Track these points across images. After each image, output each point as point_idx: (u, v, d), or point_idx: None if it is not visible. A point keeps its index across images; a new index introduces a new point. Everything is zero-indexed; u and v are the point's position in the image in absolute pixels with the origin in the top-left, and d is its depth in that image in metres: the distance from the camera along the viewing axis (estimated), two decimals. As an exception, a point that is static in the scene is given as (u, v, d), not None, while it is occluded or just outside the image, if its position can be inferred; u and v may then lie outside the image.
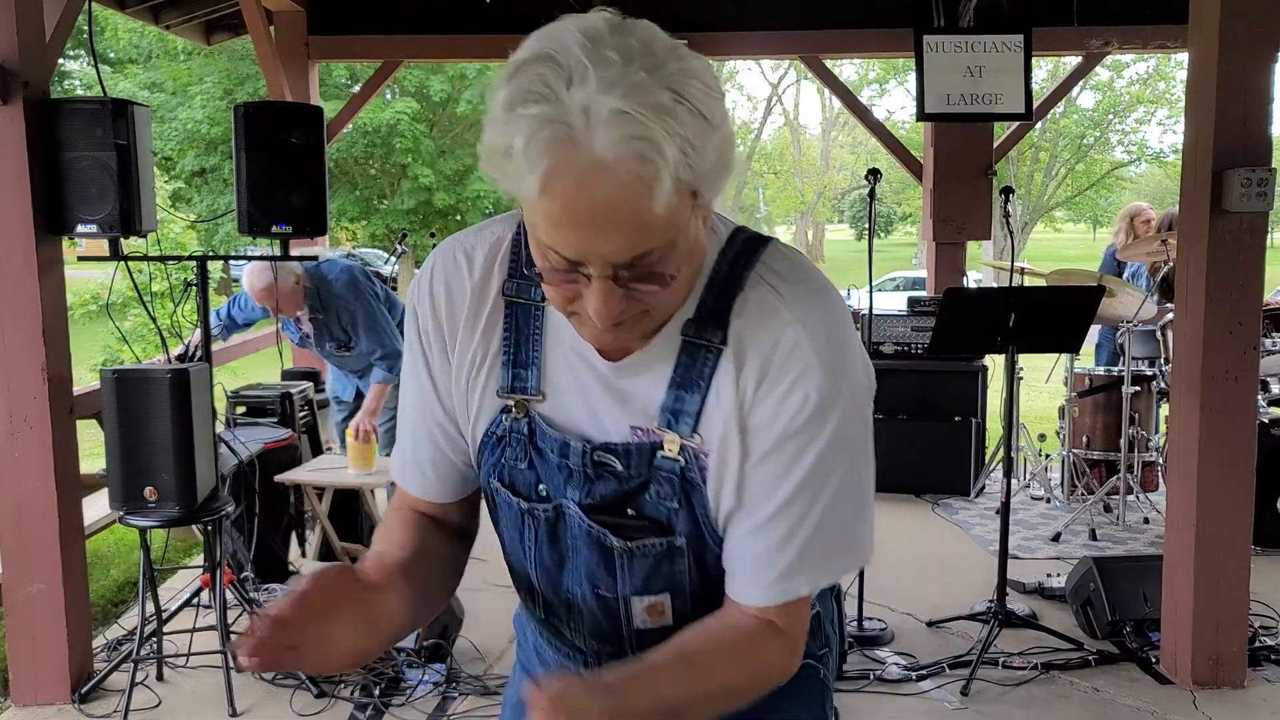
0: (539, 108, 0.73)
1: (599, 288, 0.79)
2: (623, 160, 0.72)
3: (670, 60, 0.75)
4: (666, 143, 0.72)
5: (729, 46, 5.59)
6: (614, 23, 0.77)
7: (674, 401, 0.89)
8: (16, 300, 2.74)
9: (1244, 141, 2.77)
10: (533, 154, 0.73)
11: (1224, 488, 2.86)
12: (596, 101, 0.72)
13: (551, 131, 0.73)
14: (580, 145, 0.72)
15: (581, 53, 0.73)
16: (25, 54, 2.68)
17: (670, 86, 0.73)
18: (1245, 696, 2.88)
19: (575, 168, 0.73)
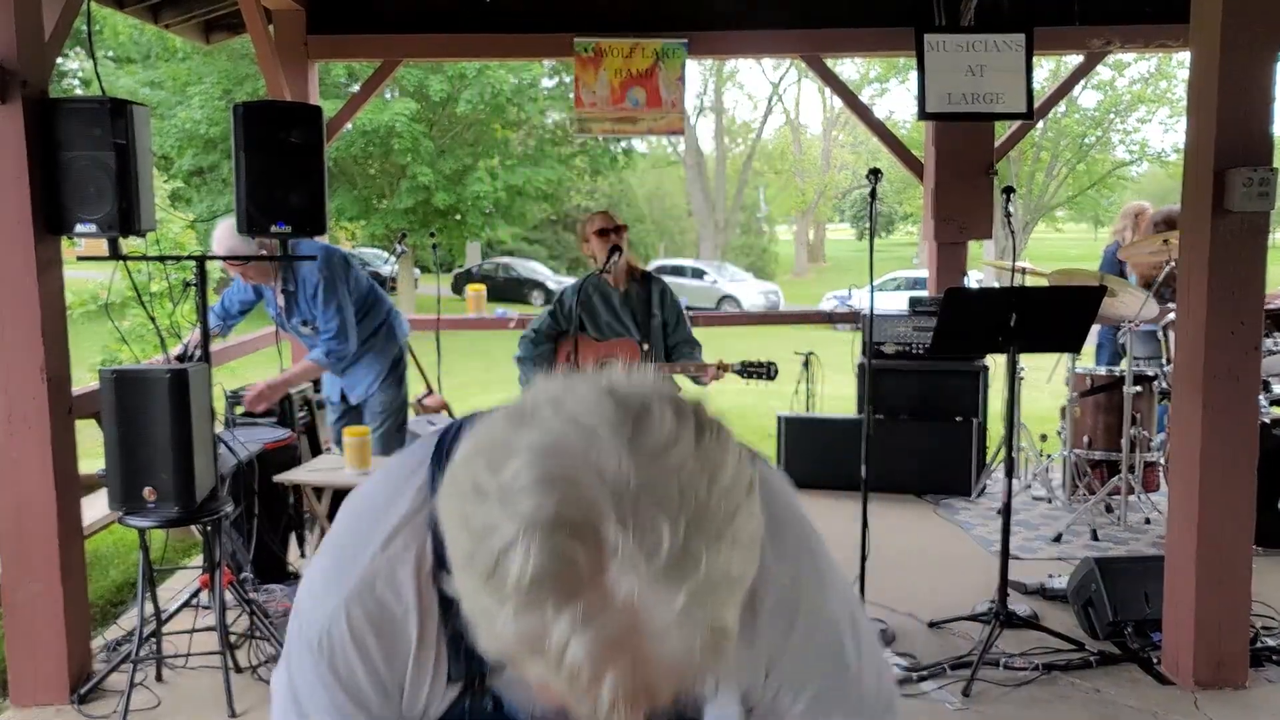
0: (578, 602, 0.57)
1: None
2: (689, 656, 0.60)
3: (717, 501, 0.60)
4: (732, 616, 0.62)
5: (730, 46, 5.58)
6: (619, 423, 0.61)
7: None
8: (15, 300, 2.73)
9: (1245, 141, 2.77)
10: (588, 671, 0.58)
11: (1226, 488, 2.86)
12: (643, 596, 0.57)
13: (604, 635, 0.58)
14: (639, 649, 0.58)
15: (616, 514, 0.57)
16: (24, 53, 2.67)
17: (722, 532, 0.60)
18: (1247, 697, 2.87)
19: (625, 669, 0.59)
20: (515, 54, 8.61)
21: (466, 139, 18.17)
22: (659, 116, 5.25)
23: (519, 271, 23.79)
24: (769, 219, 35.83)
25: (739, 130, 33.73)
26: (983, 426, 4.95)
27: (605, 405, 0.61)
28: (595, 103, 5.18)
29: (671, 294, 3.64)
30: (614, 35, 5.13)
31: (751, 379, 3.47)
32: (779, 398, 5.76)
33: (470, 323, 10.85)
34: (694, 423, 0.62)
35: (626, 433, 0.60)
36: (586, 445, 0.59)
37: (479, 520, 0.59)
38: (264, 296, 3.97)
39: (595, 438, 0.59)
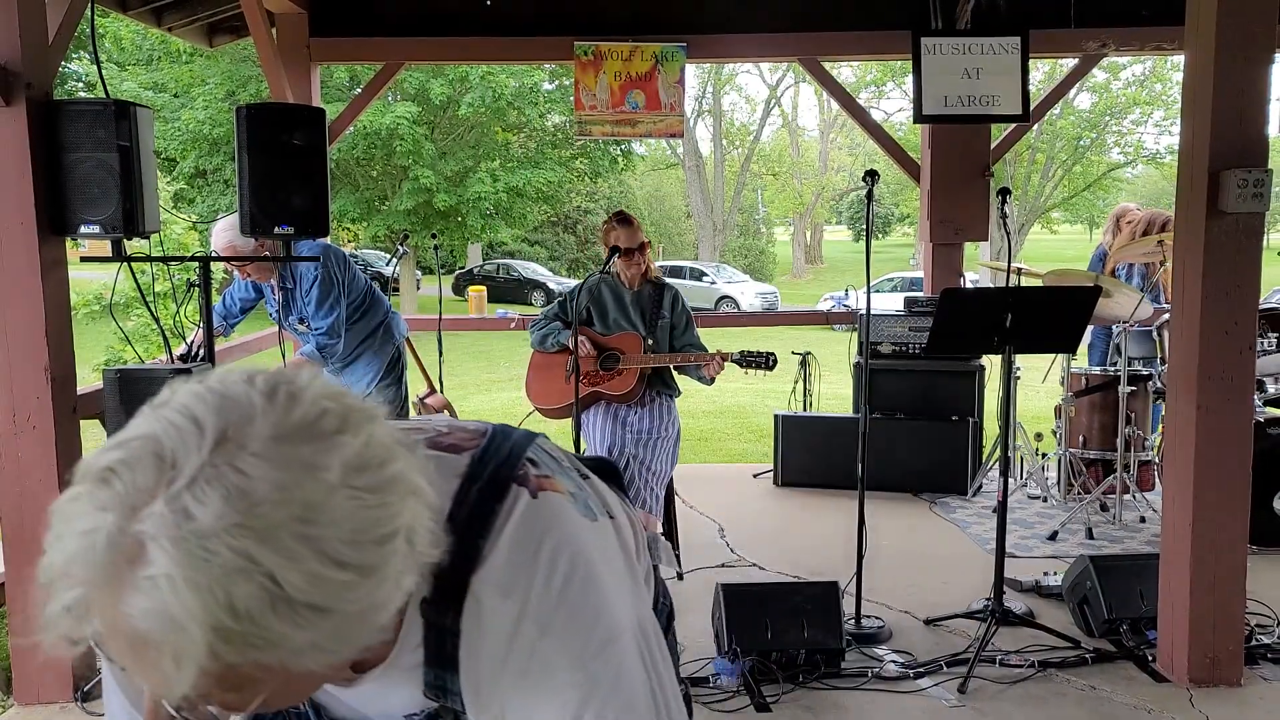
0: (105, 514, 0.59)
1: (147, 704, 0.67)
2: (145, 633, 0.59)
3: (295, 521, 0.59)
4: (202, 635, 0.58)
5: (728, 49, 5.61)
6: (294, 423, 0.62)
7: (435, 679, 0.81)
8: (20, 300, 2.75)
9: (1240, 142, 2.79)
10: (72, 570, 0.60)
11: (1220, 487, 2.88)
12: (152, 552, 0.58)
13: (100, 558, 0.59)
14: (117, 592, 0.59)
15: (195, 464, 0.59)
16: (28, 56, 2.69)
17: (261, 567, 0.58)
18: (1241, 694, 2.89)
19: (104, 610, 0.60)
20: (516, 57, 8.63)
21: (468, 141, 18.20)
22: (658, 119, 5.28)
23: (520, 272, 23.82)
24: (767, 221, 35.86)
25: (737, 133, 33.77)
26: (979, 426, 4.97)
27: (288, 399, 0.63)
28: (595, 105, 5.21)
29: (683, 301, 3.67)
30: (613, 39, 5.16)
31: (751, 369, 3.49)
32: (776, 397, 5.79)
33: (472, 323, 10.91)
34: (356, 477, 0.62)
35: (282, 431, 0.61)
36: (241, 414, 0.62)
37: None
38: (264, 295, 4.00)
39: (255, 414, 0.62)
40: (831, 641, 2.95)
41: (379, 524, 0.62)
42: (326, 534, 0.60)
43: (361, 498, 0.62)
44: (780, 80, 31.35)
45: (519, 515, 0.80)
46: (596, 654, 0.78)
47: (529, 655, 0.77)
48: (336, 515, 0.60)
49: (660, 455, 3.51)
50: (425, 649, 0.80)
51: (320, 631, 0.60)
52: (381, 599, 0.64)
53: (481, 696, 0.81)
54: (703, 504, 4.79)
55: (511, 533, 0.79)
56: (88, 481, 0.61)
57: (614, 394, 3.51)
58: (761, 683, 2.90)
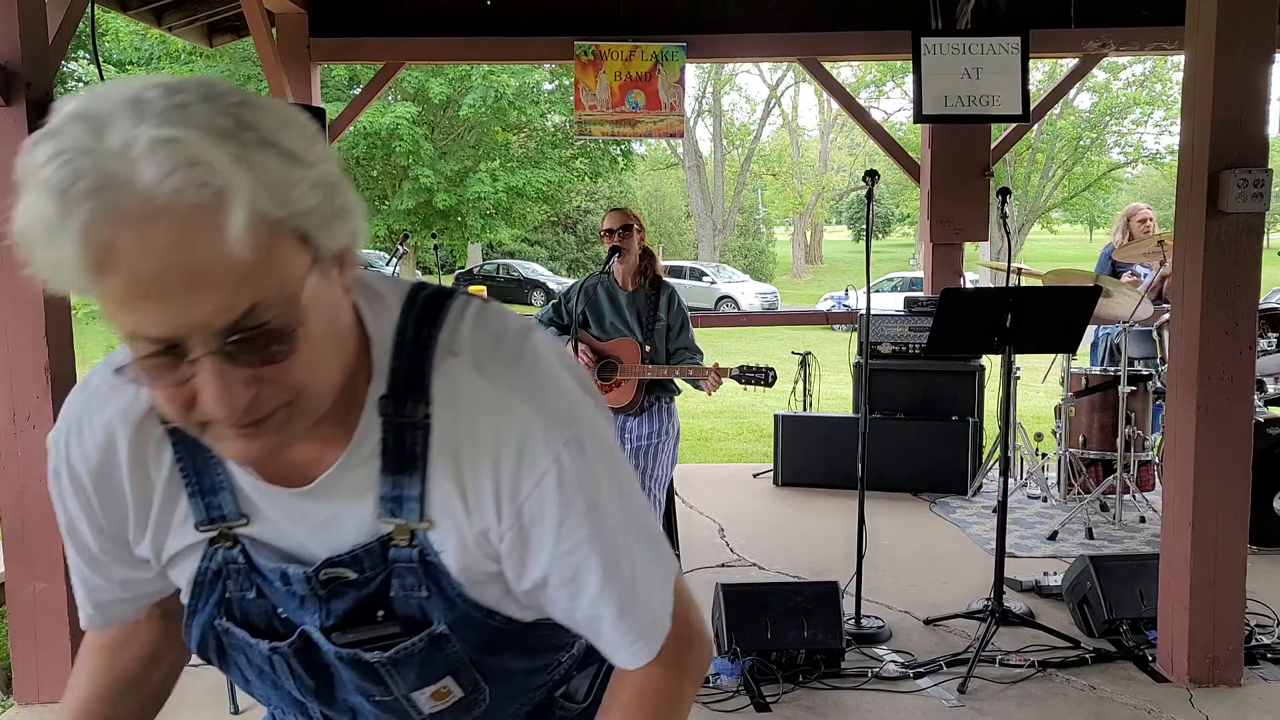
0: (69, 164, 0.60)
1: (209, 368, 0.65)
2: (177, 193, 0.60)
3: (234, 94, 0.64)
4: (230, 168, 0.61)
5: (728, 49, 5.61)
6: (170, 83, 0.65)
7: (392, 489, 0.80)
8: (19, 299, 2.75)
9: (1240, 142, 2.79)
10: (69, 217, 0.59)
11: (1220, 487, 2.88)
12: (135, 135, 0.60)
13: (86, 184, 0.59)
14: (124, 189, 0.59)
15: (121, 103, 0.62)
16: (28, 56, 2.69)
17: (231, 115, 0.62)
18: (1241, 695, 2.89)
19: (123, 220, 0.60)
20: (516, 57, 8.63)
21: (468, 141, 18.20)
22: (658, 119, 5.28)
23: (520, 272, 23.81)
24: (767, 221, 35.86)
25: (737, 133, 33.78)
26: (979, 426, 4.97)
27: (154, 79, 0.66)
28: (595, 105, 5.21)
29: (679, 300, 3.65)
30: (614, 39, 5.16)
31: (750, 385, 3.46)
32: (776, 397, 5.79)
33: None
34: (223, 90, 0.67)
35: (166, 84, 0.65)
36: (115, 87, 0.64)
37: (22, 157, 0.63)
38: None
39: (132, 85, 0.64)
40: (831, 641, 2.95)
41: (305, 126, 0.67)
42: (263, 102, 0.66)
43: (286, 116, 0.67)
44: (780, 80, 31.37)
45: (474, 310, 0.83)
46: (569, 421, 0.80)
47: (512, 422, 0.78)
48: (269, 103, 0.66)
49: (661, 460, 3.50)
50: (383, 454, 0.79)
51: (309, 187, 0.64)
52: (337, 175, 0.68)
53: (467, 478, 0.79)
54: (703, 504, 4.79)
55: (471, 329, 0.81)
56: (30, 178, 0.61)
57: (613, 406, 3.49)
58: (761, 683, 2.90)
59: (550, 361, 0.83)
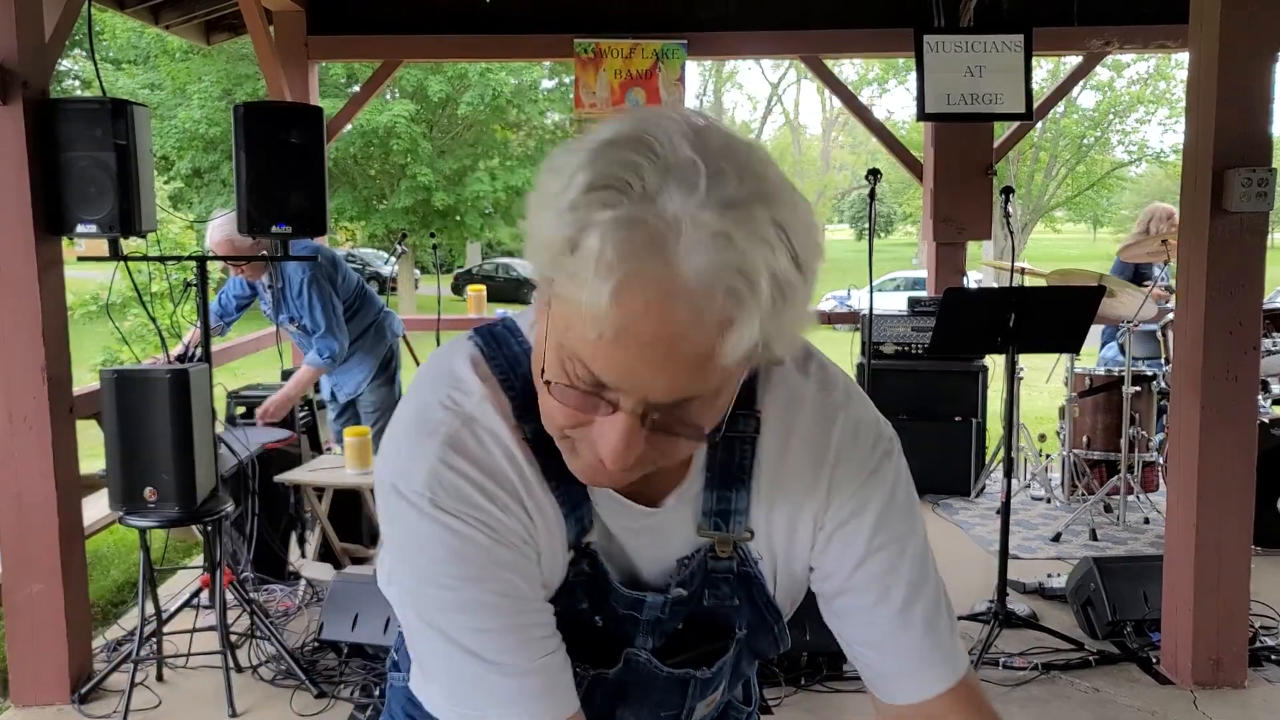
0: (626, 204, 0.61)
1: (622, 424, 0.67)
2: (712, 292, 0.61)
3: (784, 192, 0.66)
4: (765, 293, 0.62)
5: (729, 46, 5.59)
6: (720, 129, 0.67)
7: (718, 503, 0.82)
8: (16, 300, 2.74)
9: (1244, 141, 2.77)
10: (610, 258, 0.61)
11: (1224, 488, 2.86)
12: (697, 215, 0.61)
13: (639, 235, 0.61)
14: (668, 261, 0.61)
15: (689, 148, 0.63)
16: (25, 54, 2.68)
17: (778, 221, 0.64)
18: (1245, 697, 2.88)
19: (655, 285, 0.61)
20: (515, 55, 8.61)
21: (466, 140, 18.18)
22: (659, 117, 5.26)
23: (519, 272, 23.79)
24: (768, 219, 35.84)
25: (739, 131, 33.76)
26: (982, 426, 4.95)
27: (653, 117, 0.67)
28: (595, 103, 5.19)
29: None
30: (614, 36, 5.14)
31: None
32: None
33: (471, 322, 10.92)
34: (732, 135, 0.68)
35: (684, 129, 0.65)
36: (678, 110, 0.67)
37: (563, 162, 0.65)
38: (258, 293, 3.99)
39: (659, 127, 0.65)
40: (834, 644, 2.92)
41: (816, 230, 0.68)
42: (798, 219, 0.66)
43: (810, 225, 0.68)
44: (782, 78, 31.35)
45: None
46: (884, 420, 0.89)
47: (845, 418, 0.84)
48: (796, 199, 0.67)
49: None
50: (709, 468, 0.81)
51: (800, 304, 0.66)
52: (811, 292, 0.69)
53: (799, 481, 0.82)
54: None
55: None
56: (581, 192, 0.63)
57: None
58: (763, 685, 2.88)
59: (835, 364, 0.89)
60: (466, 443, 0.75)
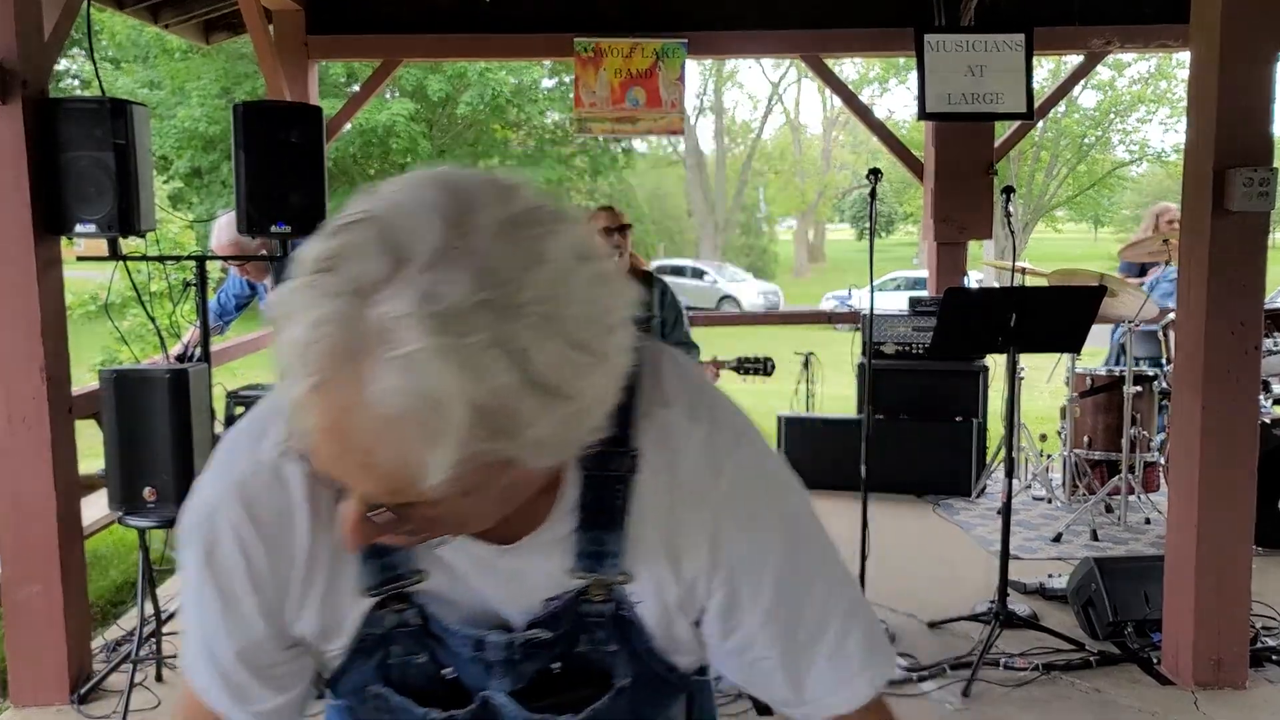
0: (337, 300, 0.56)
1: (351, 514, 0.64)
2: (396, 414, 0.56)
3: (539, 301, 0.58)
4: (461, 412, 0.56)
5: (730, 46, 5.58)
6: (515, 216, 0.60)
7: (590, 544, 0.77)
8: (15, 300, 2.74)
9: (1245, 141, 2.77)
10: (308, 357, 0.57)
11: (1225, 488, 2.86)
12: (401, 330, 0.55)
13: (339, 339, 0.56)
14: (359, 376, 0.56)
15: (432, 248, 0.57)
16: (24, 53, 2.67)
17: (513, 340, 0.56)
18: (1247, 698, 2.87)
19: (341, 399, 0.57)
20: (515, 54, 8.61)
21: (466, 139, 18.18)
22: (659, 116, 5.26)
23: (519, 271, 23.78)
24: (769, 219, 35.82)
25: (739, 130, 33.76)
26: (983, 426, 4.95)
27: (432, 189, 0.61)
28: (595, 103, 5.18)
29: (672, 295, 3.64)
30: (614, 35, 5.14)
31: (748, 375, 3.46)
32: (779, 397, 5.76)
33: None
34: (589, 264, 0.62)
35: (500, 215, 0.60)
36: (462, 201, 0.60)
37: (325, 228, 0.61)
38: (258, 292, 3.99)
39: (474, 202, 0.60)
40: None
41: (608, 311, 0.62)
42: (568, 314, 0.59)
43: (593, 282, 0.61)
44: (782, 77, 31.33)
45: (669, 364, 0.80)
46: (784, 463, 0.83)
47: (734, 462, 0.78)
48: (575, 297, 0.60)
49: None
50: (582, 509, 0.76)
51: (556, 420, 0.59)
52: (605, 392, 0.63)
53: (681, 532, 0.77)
54: (704, 504, 4.77)
55: (674, 378, 0.79)
56: (308, 271, 0.59)
57: None
58: (763, 686, 2.87)
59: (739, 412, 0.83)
60: (255, 488, 0.76)
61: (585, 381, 0.60)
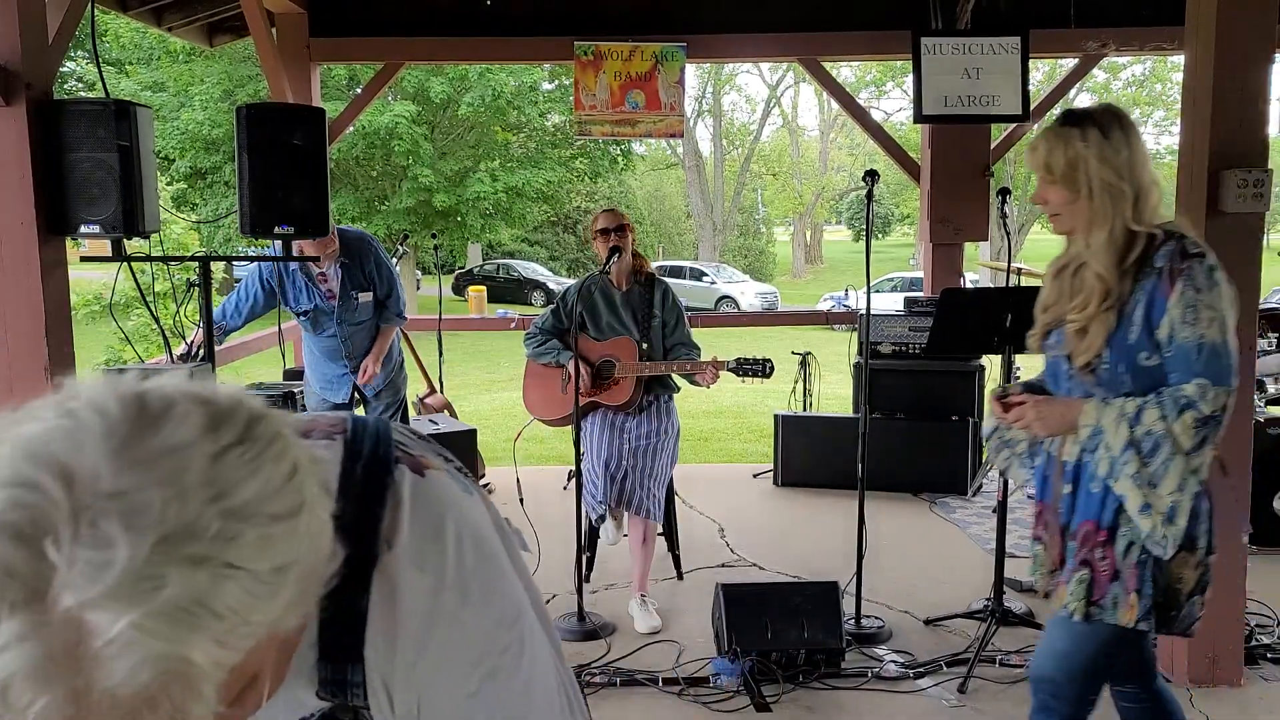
0: (12, 622, 0.49)
1: None
2: (143, 692, 0.51)
3: (207, 506, 0.53)
4: (201, 651, 0.52)
5: (728, 49, 5.61)
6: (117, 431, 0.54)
7: (333, 673, 0.76)
8: (19, 300, 2.75)
9: (1240, 143, 2.79)
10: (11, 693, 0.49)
11: (1220, 487, 2.87)
12: (91, 619, 0.49)
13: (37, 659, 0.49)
14: (85, 685, 0.50)
15: (65, 519, 0.50)
16: (28, 55, 2.70)
17: (208, 559, 0.52)
18: (1241, 695, 2.89)
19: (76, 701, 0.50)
20: (516, 57, 8.63)
21: (467, 141, 18.20)
22: (658, 119, 5.28)
23: (520, 272, 23.82)
24: (767, 221, 35.85)
25: (737, 133, 33.78)
26: (979, 426, 4.97)
27: (114, 404, 0.55)
28: (595, 105, 5.21)
29: (673, 296, 3.66)
30: (613, 39, 5.16)
31: (747, 378, 3.48)
32: (776, 397, 5.79)
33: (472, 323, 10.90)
34: (223, 434, 0.56)
35: (122, 433, 0.54)
36: (69, 443, 0.53)
37: None
38: (282, 294, 3.98)
39: (83, 436, 0.53)
40: (831, 641, 2.95)
41: (277, 462, 0.58)
42: (241, 498, 0.55)
43: (241, 450, 0.57)
44: (780, 80, 31.36)
45: (410, 493, 0.77)
46: (511, 624, 0.79)
47: (450, 624, 0.76)
48: (235, 477, 0.55)
49: (661, 459, 3.50)
50: (321, 642, 0.75)
51: (290, 587, 0.57)
52: (319, 536, 0.61)
53: (396, 679, 0.77)
54: (703, 504, 4.79)
55: (410, 512, 0.77)
56: None
57: (612, 404, 3.49)
58: (761, 683, 2.90)
59: (486, 548, 0.79)
60: None
61: (295, 543, 0.57)
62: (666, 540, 3.85)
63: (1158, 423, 1.71)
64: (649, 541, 3.49)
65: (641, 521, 3.44)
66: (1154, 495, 1.76)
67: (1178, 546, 1.77)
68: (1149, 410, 1.72)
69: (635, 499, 3.41)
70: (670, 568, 3.86)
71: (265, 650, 0.60)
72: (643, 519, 3.44)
